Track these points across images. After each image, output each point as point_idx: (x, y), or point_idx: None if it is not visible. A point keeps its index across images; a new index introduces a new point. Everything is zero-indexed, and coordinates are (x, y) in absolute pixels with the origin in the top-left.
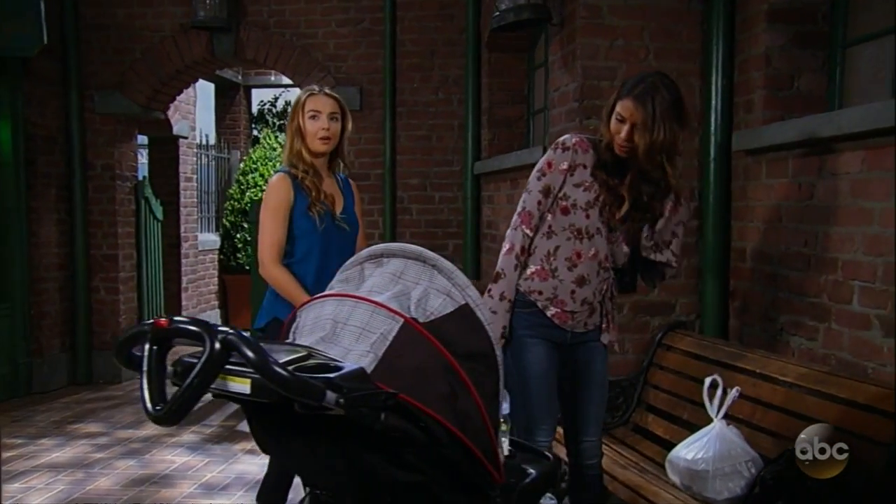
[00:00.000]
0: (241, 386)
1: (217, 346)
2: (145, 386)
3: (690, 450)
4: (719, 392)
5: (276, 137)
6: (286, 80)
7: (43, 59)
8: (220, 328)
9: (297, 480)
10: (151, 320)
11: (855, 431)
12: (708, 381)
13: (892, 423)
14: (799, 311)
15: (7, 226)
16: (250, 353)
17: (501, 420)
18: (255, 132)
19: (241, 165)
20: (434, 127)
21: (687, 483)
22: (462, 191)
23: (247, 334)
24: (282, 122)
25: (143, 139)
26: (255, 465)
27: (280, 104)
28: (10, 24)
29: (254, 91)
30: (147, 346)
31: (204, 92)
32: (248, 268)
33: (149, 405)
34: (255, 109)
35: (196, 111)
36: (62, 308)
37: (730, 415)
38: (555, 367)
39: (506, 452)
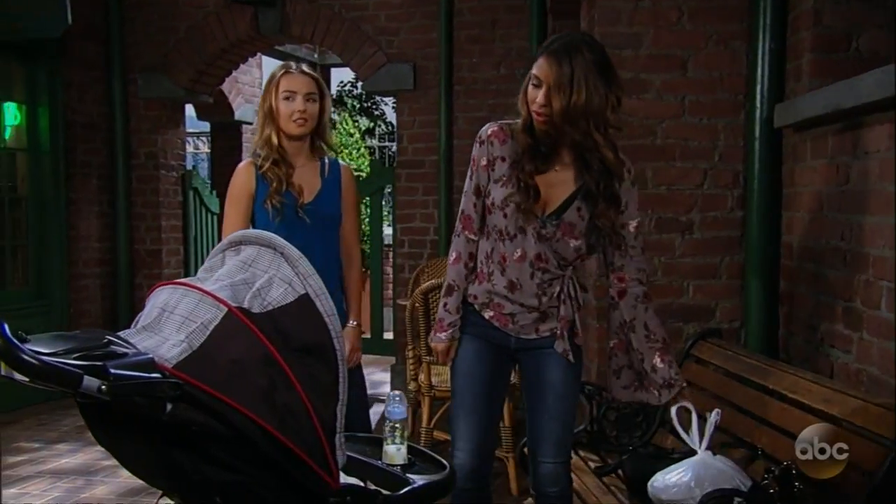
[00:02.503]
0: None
1: None
2: None
3: (668, 476)
4: (695, 420)
5: (356, 122)
6: None
7: (83, 42)
8: None
9: None
10: None
11: None
12: (674, 409)
13: (876, 449)
14: (836, 317)
15: (45, 218)
16: None
17: (396, 424)
18: (334, 116)
19: None
20: (495, 107)
21: None
22: None
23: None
24: (363, 105)
25: (204, 125)
26: None
27: (361, 85)
28: (34, 5)
29: (332, 71)
30: None
31: None
32: None
33: None
34: (334, 91)
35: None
36: (103, 306)
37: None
38: (489, 369)
39: (402, 460)
